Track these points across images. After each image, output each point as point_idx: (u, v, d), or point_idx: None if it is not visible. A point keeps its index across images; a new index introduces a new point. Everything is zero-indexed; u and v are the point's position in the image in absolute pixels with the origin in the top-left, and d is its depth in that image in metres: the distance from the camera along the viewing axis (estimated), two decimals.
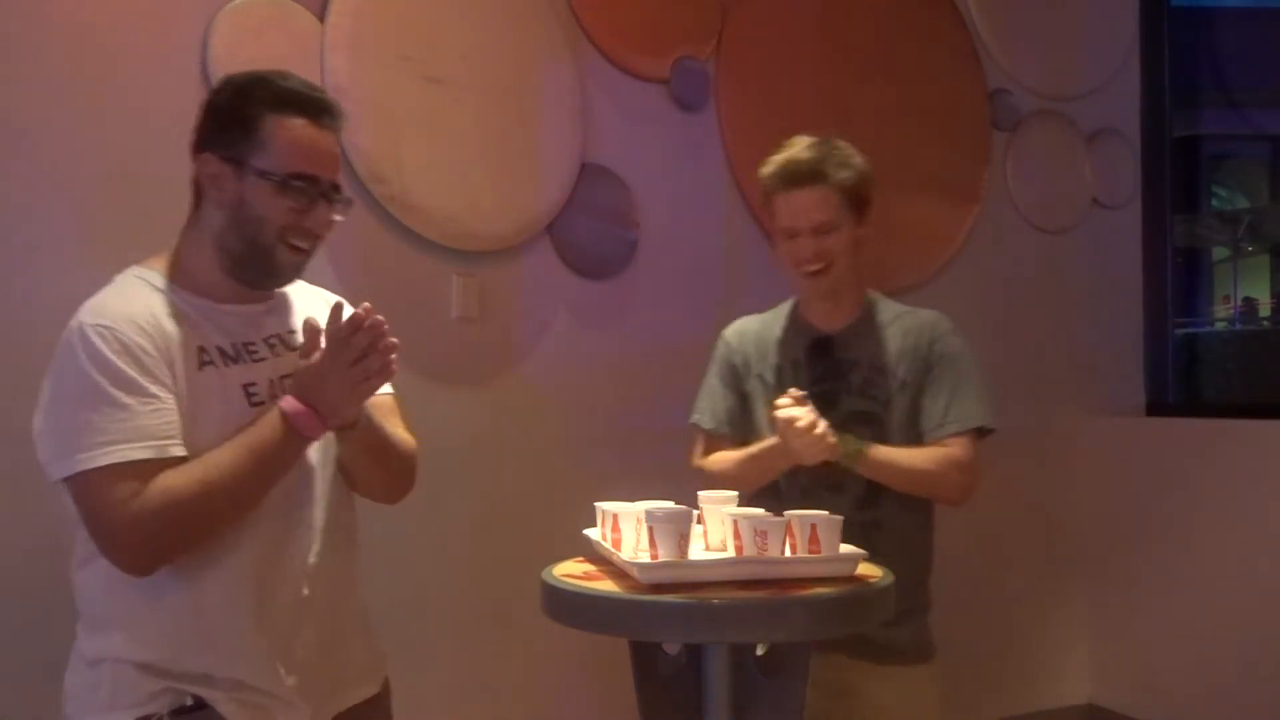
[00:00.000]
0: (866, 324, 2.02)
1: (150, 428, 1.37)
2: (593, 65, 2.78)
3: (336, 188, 1.52)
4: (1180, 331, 3.74)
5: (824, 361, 1.99)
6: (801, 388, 1.85)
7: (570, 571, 1.55)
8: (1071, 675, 3.45)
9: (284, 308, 1.60)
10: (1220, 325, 4.33)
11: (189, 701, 1.42)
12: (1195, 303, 4.17)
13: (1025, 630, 3.37)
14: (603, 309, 2.79)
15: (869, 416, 1.96)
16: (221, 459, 1.39)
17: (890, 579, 1.50)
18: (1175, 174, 3.66)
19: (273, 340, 1.55)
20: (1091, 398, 3.49)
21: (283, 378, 1.50)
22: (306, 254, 1.52)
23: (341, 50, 2.45)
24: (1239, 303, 4.34)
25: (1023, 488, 3.37)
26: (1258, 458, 3.03)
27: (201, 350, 1.46)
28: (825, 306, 2.03)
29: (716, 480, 1.91)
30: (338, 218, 1.53)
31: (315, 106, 1.49)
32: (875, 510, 1.92)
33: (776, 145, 2.00)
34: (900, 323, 2.02)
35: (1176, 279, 3.68)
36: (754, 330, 2.10)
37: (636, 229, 2.83)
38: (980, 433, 1.97)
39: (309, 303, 1.64)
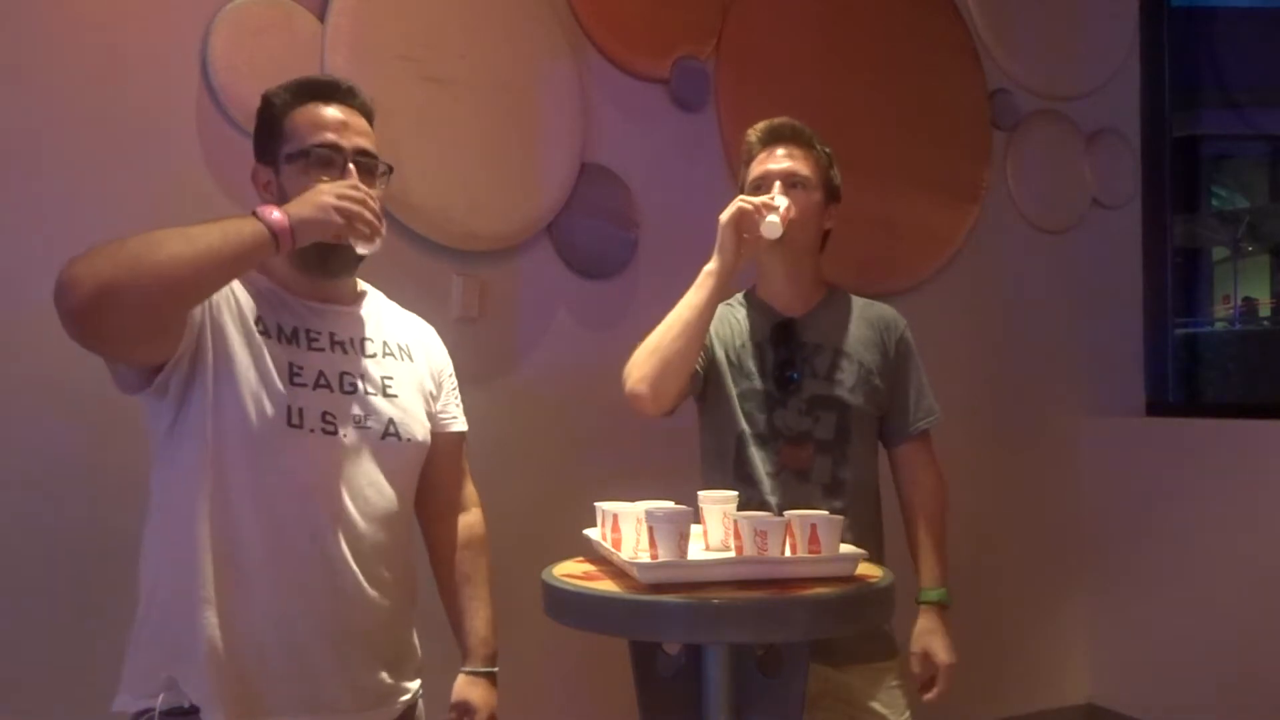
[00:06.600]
0: (829, 309, 2.03)
1: None
2: (593, 65, 2.78)
3: (366, 154, 1.56)
4: (1180, 331, 3.74)
5: (788, 345, 1.97)
6: (765, 372, 1.90)
7: (570, 571, 1.55)
8: (1071, 675, 3.45)
9: (367, 319, 1.65)
10: (1220, 325, 4.31)
11: (186, 704, 1.43)
12: (1195, 303, 4.16)
13: (1025, 630, 3.37)
14: (603, 309, 2.79)
15: (832, 401, 1.95)
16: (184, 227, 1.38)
17: (891, 578, 1.50)
18: (1175, 174, 3.66)
19: (340, 339, 1.58)
20: (1091, 398, 3.49)
21: (343, 374, 1.55)
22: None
23: (341, 50, 2.44)
24: (1239, 303, 4.33)
25: (1023, 488, 3.38)
26: (1258, 458, 3.03)
27: (260, 320, 1.51)
28: (785, 289, 2.02)
29: (646, 345, 1.90)
30: (378, 187, 1.57)
31: (324, 89, 1.58)
32: (841, 499, 1.91)
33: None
34: (862, 312, 2.04)
35: (1176, 279, 3.68)
36: (718, 313, 2.04)
37: (636, 229, 2.83)
38: None
39: (397, 323, 1.70)
